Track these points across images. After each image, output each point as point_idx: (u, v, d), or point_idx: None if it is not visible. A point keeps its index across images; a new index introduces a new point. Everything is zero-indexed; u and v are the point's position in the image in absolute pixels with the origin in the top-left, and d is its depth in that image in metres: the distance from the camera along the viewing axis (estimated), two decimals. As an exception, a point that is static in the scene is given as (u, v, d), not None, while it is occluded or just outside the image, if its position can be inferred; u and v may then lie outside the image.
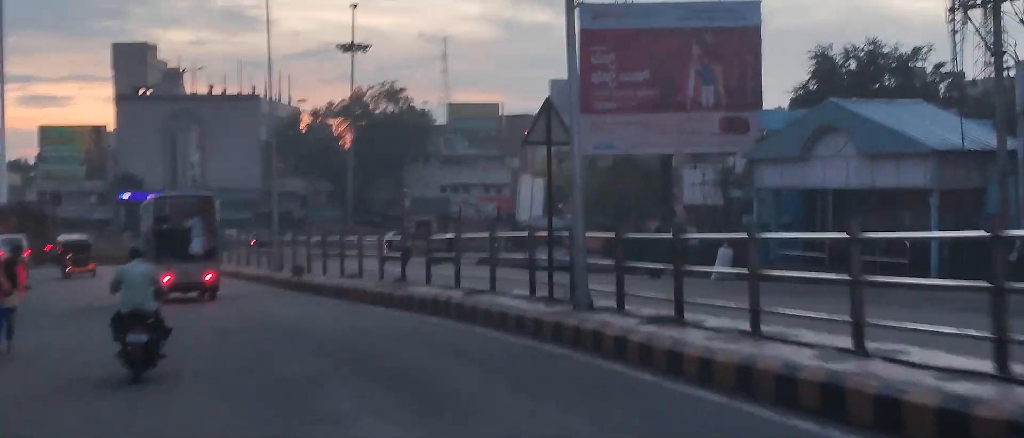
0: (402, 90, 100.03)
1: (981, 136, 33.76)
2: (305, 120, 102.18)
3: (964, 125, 33.06)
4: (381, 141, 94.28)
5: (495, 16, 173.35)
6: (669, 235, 15.77)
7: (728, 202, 46.38)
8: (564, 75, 17.81)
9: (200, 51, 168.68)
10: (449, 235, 29.62)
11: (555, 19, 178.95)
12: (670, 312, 14.56)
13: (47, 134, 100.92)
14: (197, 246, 27.03)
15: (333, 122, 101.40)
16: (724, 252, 27.79)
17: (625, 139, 43.76)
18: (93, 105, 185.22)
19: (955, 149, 33.10)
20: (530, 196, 53.41)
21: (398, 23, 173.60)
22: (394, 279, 26.74)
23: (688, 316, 14.38)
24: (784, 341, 11.72)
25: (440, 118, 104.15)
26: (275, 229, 42.22)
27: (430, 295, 21.93)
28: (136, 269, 13.83)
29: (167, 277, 22.58)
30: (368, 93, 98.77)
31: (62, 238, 50.93)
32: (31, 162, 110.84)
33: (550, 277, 18.80)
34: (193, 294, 26.99)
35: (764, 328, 12.48)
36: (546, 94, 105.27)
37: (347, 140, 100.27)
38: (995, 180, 31.77)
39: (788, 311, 12.71)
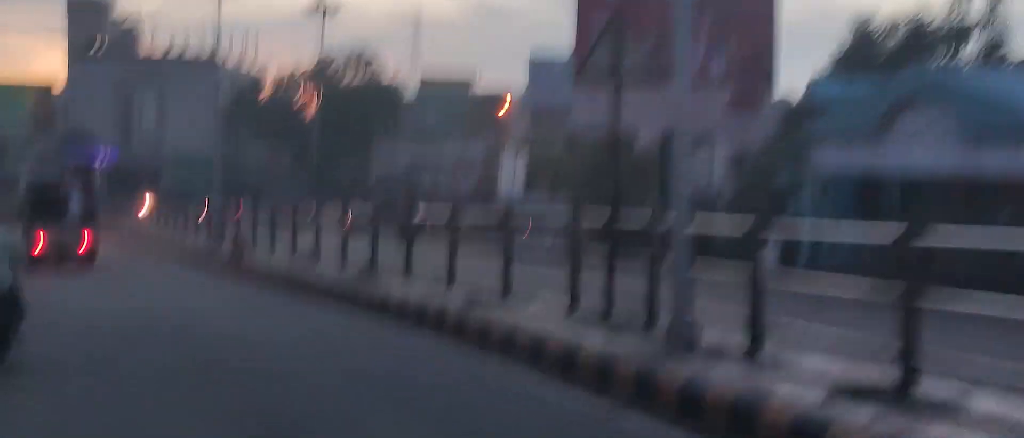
0: (371, 61, 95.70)
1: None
2: (270, 89, 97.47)
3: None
4: (348, 112, 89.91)
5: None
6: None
7: (751, 189, 42.27)
8: (541, 54, 13.76)
9: (160, 13, 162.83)
10: (431, 211, 25.51)
11: (528, 2, 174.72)
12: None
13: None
14: (74, 208, 27.16)
15: (298, 91, 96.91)
16: (768, 251, 23.41)
17: (622, 114, 39.77)
18: (51, 61, 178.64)
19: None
20: (512, 171, 49.42)
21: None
22: (360, 268, 21.97)
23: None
24: None
25: (411, 94, 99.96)
26: (215, 201, 35.42)
27: (413, 299, 16.93)
28: None
29: (41, 241, 25.28)
30: (334, 62, 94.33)
31: None
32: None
33: (610, 286, 13.92)
34: (70, 259, 26.99)
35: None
36: (521, 75, 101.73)
37: (312, 110, 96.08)
38: None
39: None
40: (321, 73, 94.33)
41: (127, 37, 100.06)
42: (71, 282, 24.29)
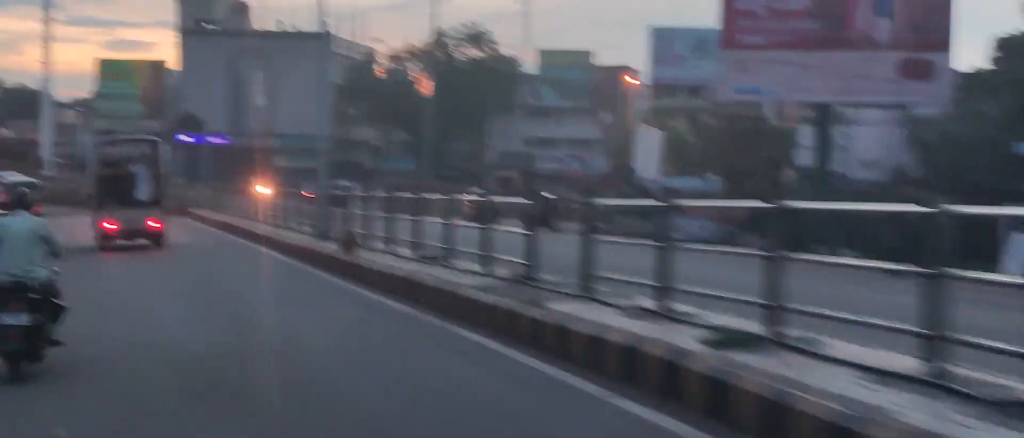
0: (487, 32, 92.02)
1: None
2: (381, 64, 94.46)
3: None
4: (463, 89, 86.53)
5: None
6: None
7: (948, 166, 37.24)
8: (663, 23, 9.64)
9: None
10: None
11: None
12: None
13: (106, 68, 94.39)
14: (143, 192, 26.84)
15: (411, 67, 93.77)
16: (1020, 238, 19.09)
17: (776, 82, 35.32)
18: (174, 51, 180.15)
19: None
20: (648, 150, 45.16)
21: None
22: (515, 275, 15.40)
23: None
24: None
25: (527, 67, 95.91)
26: (322, 182, 29.41)
27: (656, 348, 9.54)
28: (14, 224, 10.63)
29: (112, 224, 25.99)
30: (451, 35, 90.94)
31: (8, 178, 47.99)
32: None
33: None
34: (142, 241, 26.94)
35: None
36: (640, 47, 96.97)
37: (426, 87, 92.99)
38: None
39: None
40: (437, 48, 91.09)
41: (238, 12, 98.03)
42: (147, 272, 21.83)
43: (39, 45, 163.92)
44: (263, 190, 35.96)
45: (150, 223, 26.60)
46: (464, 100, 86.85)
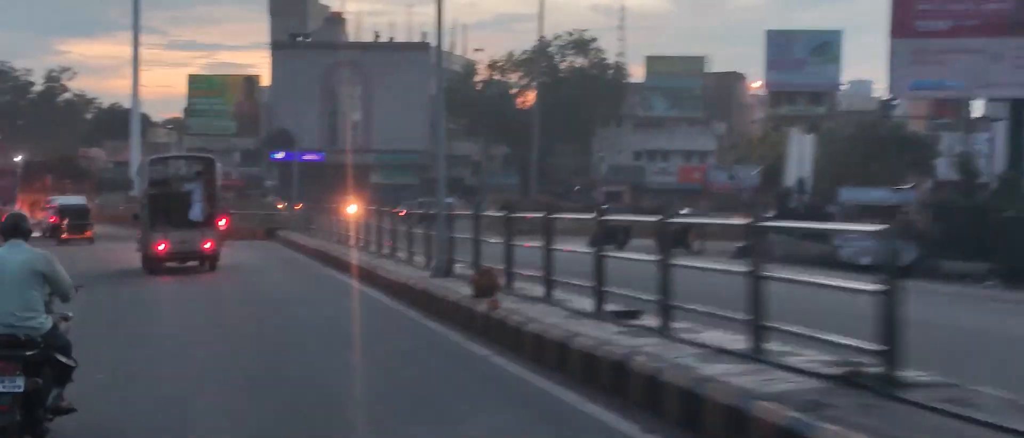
0: (593, 40, 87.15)
1: None
2: (481, 75, 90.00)
3: None
4: (568, 100, 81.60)
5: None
6: None
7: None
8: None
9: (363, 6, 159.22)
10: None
11: None
12: None
13: (195, 84, 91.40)
14: (197, 212, 25.51)
15: (513, 78, 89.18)
16: None
17: (961, 75, 29.65)
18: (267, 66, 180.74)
19: None
20: (798, 157, 39.62)
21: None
22: (852, 370, 8.33)
23: None
24: None
25: (635, 76, 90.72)
26: (441, 202, 20.97)
27: None
28: (5, 258, 8.29)
29: (162, 245, 24.45)
30: (554, 43, 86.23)
31: (58, 201, 47.37)
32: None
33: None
34: (193, 263, 25.65)
35: None
36: (750, 54, 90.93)
37: (528, 98, 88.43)
38: None
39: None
40: (540, 57, 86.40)
41: (333, 24, 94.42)
42: (197, 319, 17.07)
43: (144, 69, 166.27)
44: (353, 210, 31.22)
45: (204, 245, 25.18)
46: (569, 111, 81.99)
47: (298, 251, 33.62)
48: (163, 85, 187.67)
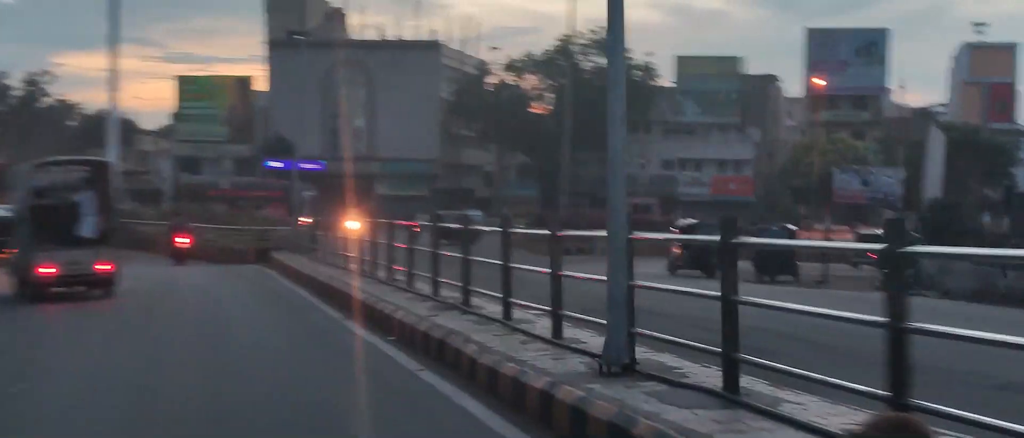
0: (619, 39, 79.98)
1: None
2: (497, 77, 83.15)
3: None
4: (590, 103, 74.44)
5: (665, 3, 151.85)
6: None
7: None
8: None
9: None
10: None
11: (728, 6, 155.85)
12: None
13: (185, 86, 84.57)
14: (89, 227, 21.23)
15: (531, 80, 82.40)
16: None
17: None
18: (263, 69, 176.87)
19: None
20: (935, 162, 32.65)
21: (564, 9, 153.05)
22: None
23: None
24: None
25: (665, 78, 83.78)
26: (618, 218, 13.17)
27: None
28: None
29: (50, 268, 20.78)
30: (576, 41, 79.46)
31: None
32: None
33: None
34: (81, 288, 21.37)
35: None
36: (788, 54, 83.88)
37: (547, 101, 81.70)
38: None
39: None
40: (560, 56, 79.65)
41: (332, 20, 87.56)
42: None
43: (136, 81, 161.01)
44: (354, 226, 23.96)
45: (98, 266, 21.15)
46: (592, 116, 74.78)
47: (291, 278, 25.97)
48: (159, 97, 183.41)
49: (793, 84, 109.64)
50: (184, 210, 46.85)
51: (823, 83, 66.40)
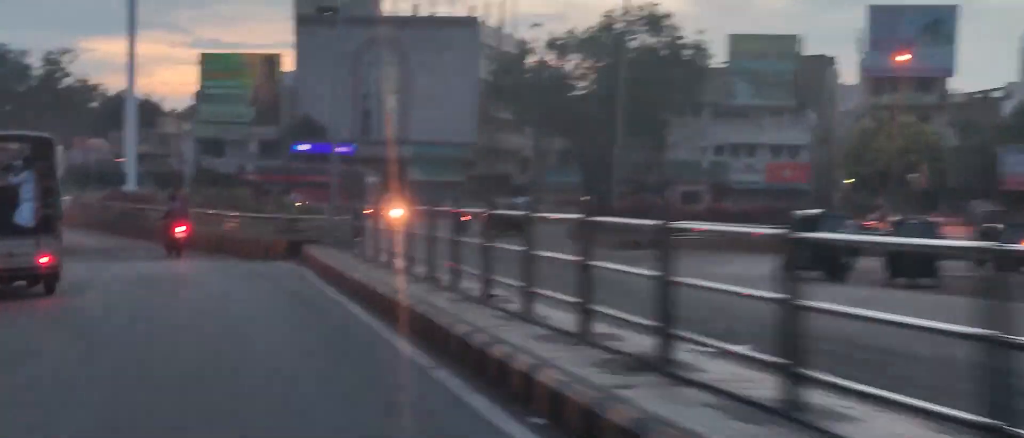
0: (668, 15, 76.04)
1: None
2: (538, 56, 78.89)
3: None
4: (637, 85, 70.11)
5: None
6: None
7: None
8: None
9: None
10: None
11: None
12: None
13: (209, 64, 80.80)
14: (26, 214, 18.40)
15: (573, 60, 78.20)
16: None
17: None
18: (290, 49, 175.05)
19: None
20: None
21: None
22: None
23: None
24: None
25: (717, 58, 79.29)
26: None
27: None
28: None
29: None
30: (622, 19, 75.29)
31: None
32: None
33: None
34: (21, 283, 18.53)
35: None
36: (844, 39, 79.04)
37: (589, 82, 77.53)
38: None
39: None
40: (605, 35, 75.41)
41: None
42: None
43: (163, 67, 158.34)
44: (397, 214, 19.68)
45: (39, 260, 18.24)
46: (639, 98, 70.50)
47: (331, 282, 20.02)
48: (185, 83, 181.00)
49: (845, 66, 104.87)
50: (200, 193, 42.52)
51: (907, 57, 61.69)
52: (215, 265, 25.28)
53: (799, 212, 21.96)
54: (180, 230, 28.36)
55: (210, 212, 34.52)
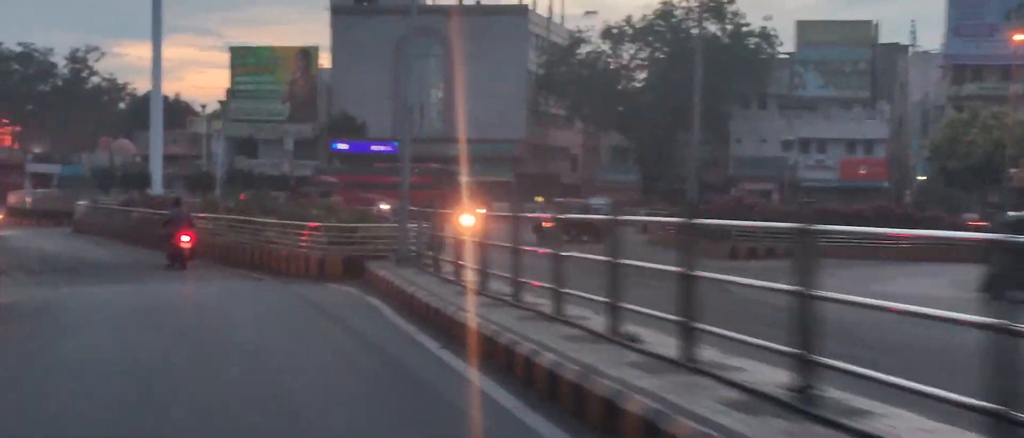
0: (731, 1, 71.14)
1: None
2: (592, 46, 74.19)
3: None
4: (699, 74, 64.99)
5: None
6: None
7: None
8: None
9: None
10: None
11: None
12: None
13: (240, 59, 76.67)
14: None
15: (630, 50, 73.53)
16: None
17: None
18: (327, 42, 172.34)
19: None
20: None
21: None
22: None
23: None
24: None
25: (784, 47, 74.22)
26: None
27: None
28: None
29: None
30: (682, 5, 70.56)
31: None
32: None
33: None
34: None
35: None
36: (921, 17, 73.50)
37: (648, 73, 72.87)
38: None
39: None
40: (664, 23, 70.61)
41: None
42: None
43: (197, 70, 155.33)
44: (469, 222, 14.87)
45: None
46: (700, 90, 65.40)
47: (416, 323, 12.98)
48: (215, 86, 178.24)
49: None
50: (236, 194, 37.76)
51: (1021, 36, 56.41)
52: (246, 288, 19.99)
53: (1013, 213, 17.09)
54: (185, 239, 23.90)
55: (240, 219, 29.32)
